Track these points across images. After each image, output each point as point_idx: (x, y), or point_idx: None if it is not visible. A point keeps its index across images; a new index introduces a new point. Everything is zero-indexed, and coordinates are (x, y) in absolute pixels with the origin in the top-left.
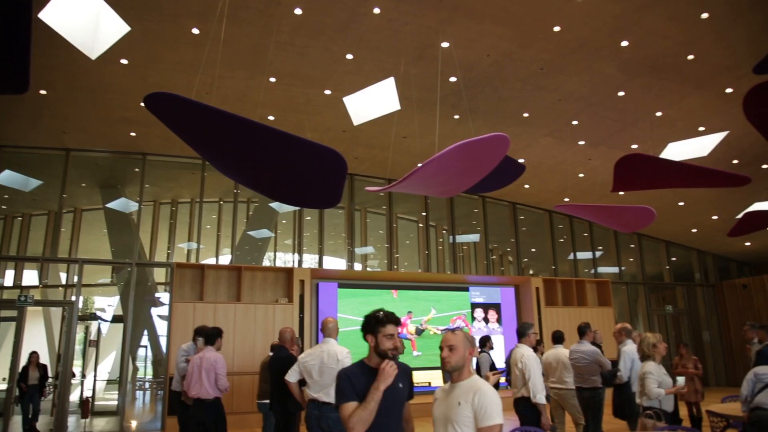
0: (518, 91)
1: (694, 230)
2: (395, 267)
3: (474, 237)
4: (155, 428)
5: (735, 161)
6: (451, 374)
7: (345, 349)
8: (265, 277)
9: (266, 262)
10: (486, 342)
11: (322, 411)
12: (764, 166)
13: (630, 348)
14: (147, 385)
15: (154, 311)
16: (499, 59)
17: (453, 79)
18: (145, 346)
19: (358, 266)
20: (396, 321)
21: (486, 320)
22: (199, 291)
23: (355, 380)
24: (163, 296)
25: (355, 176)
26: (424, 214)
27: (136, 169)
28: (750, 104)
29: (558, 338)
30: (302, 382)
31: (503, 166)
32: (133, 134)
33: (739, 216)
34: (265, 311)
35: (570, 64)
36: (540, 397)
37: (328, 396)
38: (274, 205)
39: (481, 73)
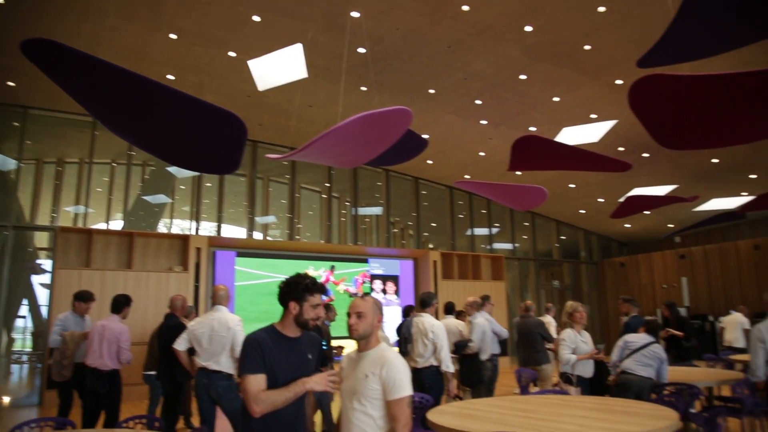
0: (425, 67)
1: (582, 211)
2: (297, 237)
3: (377, 210)
4: (32, 403)
5: (621, 148)
6: (358, 342)
7: (236, 317)
8: (159, 244)
9: (162, 230)
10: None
11: (212, 379)
12: (645, 155)
13: (480, 320)
14: (25, 358)
15: (35, 279)
16: (408, 34)
17: (361, 50)
18: (24, 317)
19: (258, 235)
20: (324, 290)
21: (384, 291)
22: (85, 257)
23: (266, 350)
24: (46, 263)
25: (258, 143)
26: (327, 185)
27: (16, 124)
28: (634, 96)
29: (449, 309)
30: (191, 351)
31: (406, 140)
32: (11, 84)
33: (622, 200)
34: (158, 280)
35: (477, 44)
36: (450, 366)
37: (218, 364)
38: (172, 169)
39: (389, 46)
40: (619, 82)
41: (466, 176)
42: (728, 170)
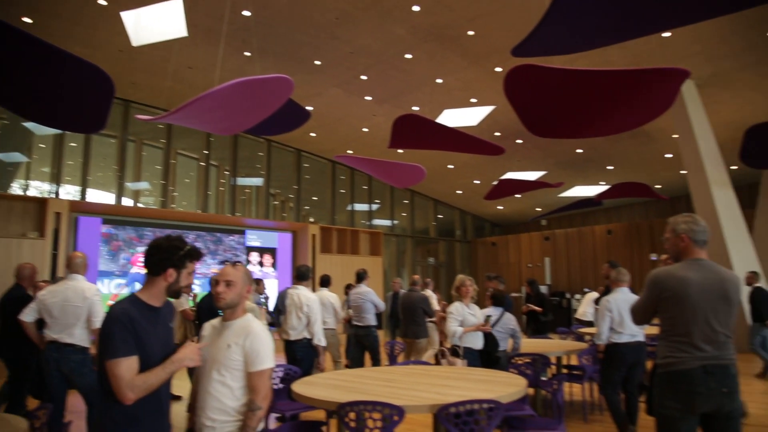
0: (312, 37)
1: (459, 192)
2: (173, 206)
3: (257, 180)
4: None
5: (497, 133)
6: (224, 311)
7: (93, 286)
8: (11, 207)
9: (17, 191)
10: (258, 284)
11: (63, 353)
12: (519, 141)
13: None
14: None
15: None
16: (295, 1)
17: (246, 13)
18: None
19: (128, 202)
20: (201, 256)
21: (261, 264)
22: None
23: (137, 326)
24: None
25: (130, 103)
26: (206, 152)
27: None
28: (509, 84)
29: (325, 282)
30: (40, 325)
31: (288, 111)
32: None
33: (495, 182)
34: (8, 246)
35: (364, 18)
36: (322, 340)
37: (71, 336)
38: (30, 125)
39: (276, 12)
40: (498, 69)
41: (349, 151)
42: (589, 160)
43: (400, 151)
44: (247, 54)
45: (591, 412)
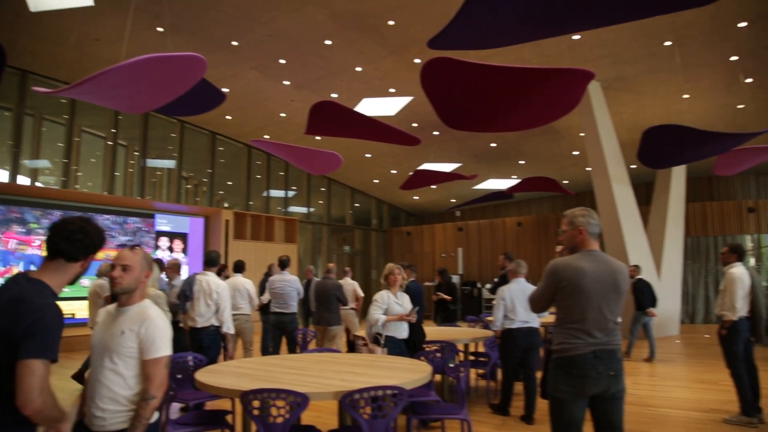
0: (229, 16)
1: (376, 181)
2: (76, 186)
3: (169, 162)
4: None
5: (415, 124)
6: (120, 297)
7: None
8: None
9: None
10: (163, 267)
11: None
12: (435, 133)
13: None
14: None
15: None
16: None
17: None
18: None
19: (25, 180)
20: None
21: (171, 249)
22: None
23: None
24: None
25: (28, 74)
26: (113, 130)
27: None
28: (426, 76)
29: (239, 267)
30: None
31: (202, 91)
32: None
33: (411, 173)
34: None
35: (285, 1)
36: (231, 327)
37: None
38: None
39: None
40: (417, 60)
41: (266, 136)
42: (502, 155)
43: (317, 138)
44: (160, 29)
45: (495, 396)
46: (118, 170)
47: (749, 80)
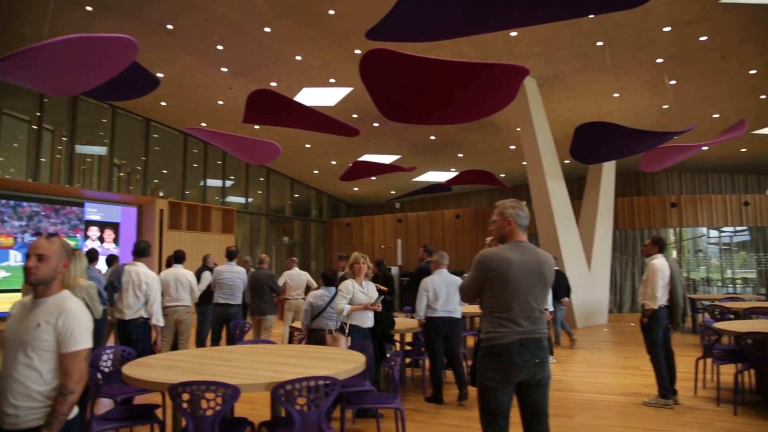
0: None
1: (316, 171)
2: None
3: (99, 149)
4: None
5: (355, 115)
6: (35, 288)
7: None
8: None
9: None
10: (94, 258)
11: None
12: (375, 124)
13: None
14: None
15: None
16: None
17: None
18: None
19: None
20: None
21: (101, 240)
22: None
23: None
24: None
25: None
26: (38, 114)
27: None
28: (364, 67)
29: (179, 258)
30: None
31: (134, 75)
32: None
33: (351, 164)
34: None
35: None
36: (161, 320)
37: None
38: None
39: None
40: (358, 51)
41: (203, 124)
42: (442, 147)
43: (256, 127)
44: (89, 9)
45: (430, 385)
46: (44, 156)
47: (673, 82)
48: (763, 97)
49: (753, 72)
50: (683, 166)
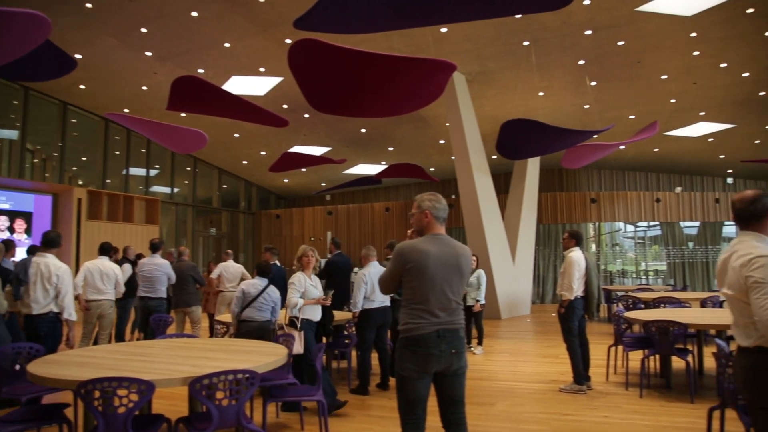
0: None
1: (245, 162)
2: None
3: (10, 133)
4: None
5: (285, 106)
6: None
7: None
8: None
9: None
10: (10, 248)
11: None
12: (306, 116)
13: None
14: None
15: None
16: None
17: None
18: None
19: None
20: None
21: (11, 230)
22: None
23: None
24: None
25: None
26: None
27: None
28: (293, 56)
29: (105, 250)
30: None
31: (48, 55)
32: None
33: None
34: None
35: None
36: (73, 314)
37: None
38: None
39: None
40: (288, 41)
41: (126, 110)
42: (372, 140)
43: (183, 114)
44: None
45: (356, 377)
46: None
47: (593, 83)
48: (673, 101)
49: (664, 77)
50: (602, 163)
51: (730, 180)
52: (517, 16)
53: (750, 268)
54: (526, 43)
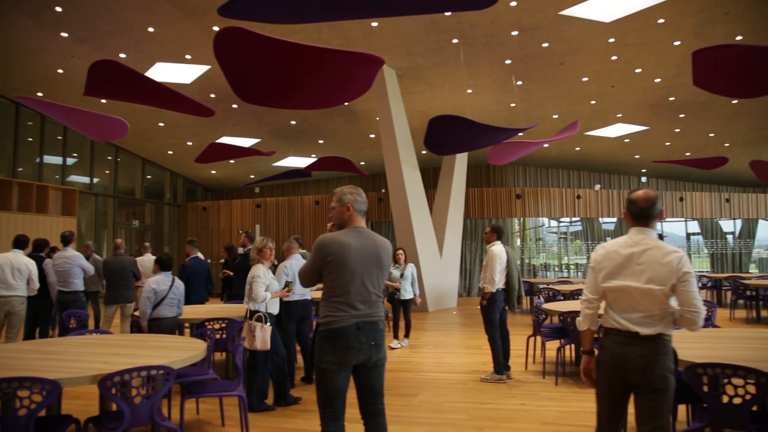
0: None
1: (171, 152)
2: None
3: None
4: None
5: (213, 95)
6: None
7: None
8: None
9: None
10: None
11: None
12: (234, 106)
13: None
14: None
15: None
16: None
17: None
18: None
19: None
20: None
21: None
22: None
23: None
24: None
25: None
26: None
27: None
28: (218, 46)
29: (21, 243)
30: None
31: None
32: None
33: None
34: None
35: None
36: None
37: None
38: None
39: None
40: (216, 28)
41: (39, 93)
42: (302, 133)
43: (103, 101)
44: None
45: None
46: None
47: (519, 83)
48: (593, 102)
49: (585, 79)
50: (527, 160)
51: (644, 179)
52: (447, 13)
53: (685, 264)
54: (455, 40)
